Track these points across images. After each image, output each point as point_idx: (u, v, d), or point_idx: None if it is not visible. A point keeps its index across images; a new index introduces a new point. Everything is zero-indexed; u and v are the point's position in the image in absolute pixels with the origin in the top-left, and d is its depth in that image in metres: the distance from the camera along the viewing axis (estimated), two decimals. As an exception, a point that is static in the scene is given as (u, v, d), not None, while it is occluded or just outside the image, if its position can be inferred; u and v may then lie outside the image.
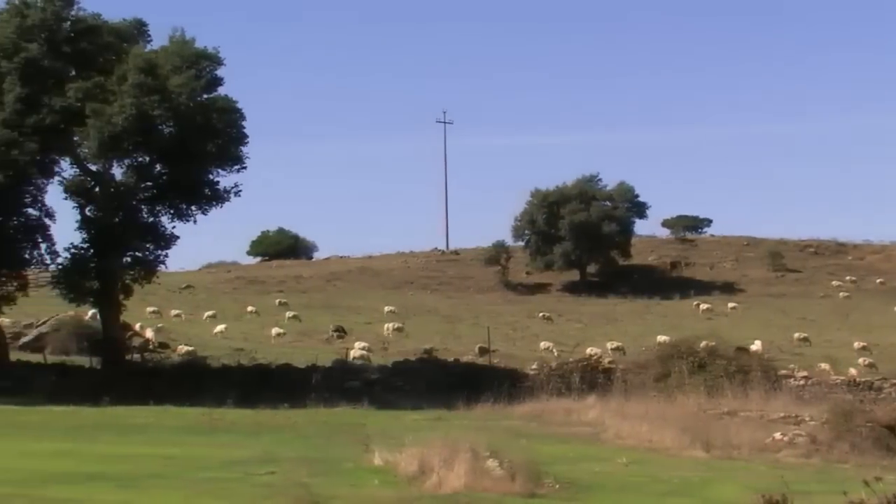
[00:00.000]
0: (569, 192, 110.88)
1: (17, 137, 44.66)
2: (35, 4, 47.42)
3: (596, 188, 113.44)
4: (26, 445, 28.46)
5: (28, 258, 48.55)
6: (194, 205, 49.17)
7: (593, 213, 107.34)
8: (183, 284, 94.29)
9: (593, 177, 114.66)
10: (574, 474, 23.83)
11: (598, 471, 25.14)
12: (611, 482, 23.58)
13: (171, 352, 57.04)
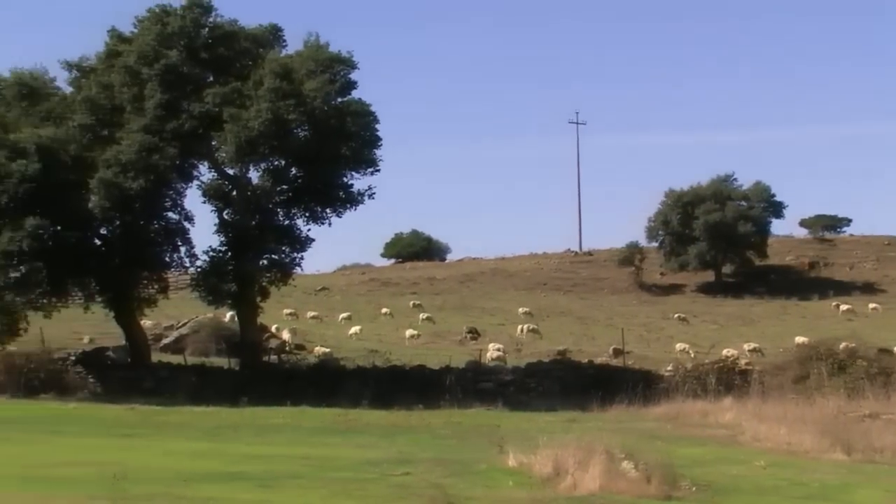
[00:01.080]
0: (703, 192, 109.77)
1: (158, 143, 45.56)
2: (175, 12, 48.30)
3: (731, 188, 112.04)
4: (168, 445, 29.04)
5: (168, 261, 49.52)
6: (329, 207, 49.59)
7: (728, 213, 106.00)
8: (318, 286, 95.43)
9: (728, 176, 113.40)
10: (711, 477, 23.49)
11: (736, 473, 24.73)
12: (748, 485, 23.18)
13: (308, 353, 57.67)
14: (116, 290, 48.73)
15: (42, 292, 46.32)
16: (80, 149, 46.66)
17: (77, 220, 46.05)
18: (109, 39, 49.67)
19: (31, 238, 43.16)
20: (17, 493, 19.86)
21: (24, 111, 48.71)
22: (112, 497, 18.80)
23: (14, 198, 43.72)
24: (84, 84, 48.78)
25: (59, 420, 36.83)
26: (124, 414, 39.42)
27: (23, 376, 45.94)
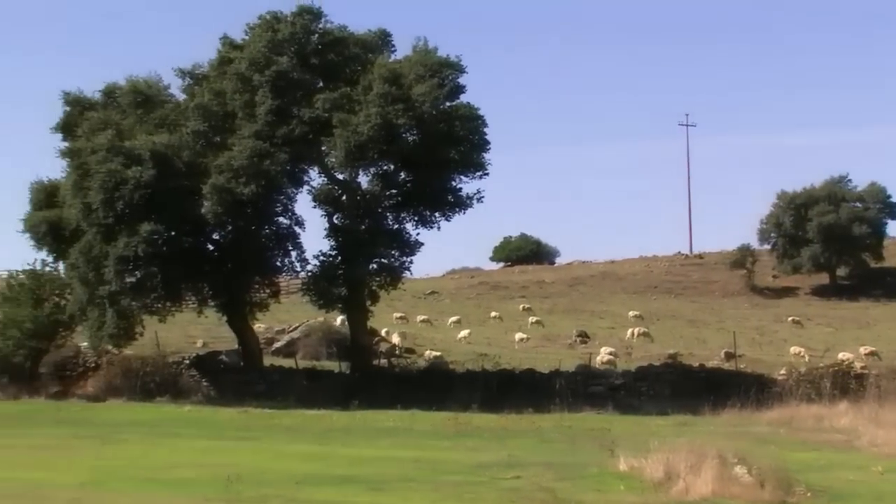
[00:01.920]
0: (816, 194, 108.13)
1: (269, 148, 46.05)
2: (285, 19, 48.81)
3: (845, 189, 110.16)
4: (280, 447, 29.34)
5: (280, 266, 49.95)
6: (438, 211, 49.65)
7: (843, 214, 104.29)
8: (428, 290, 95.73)
9: (842, 177, 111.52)
10: (826, 482, 23.01)
11: (853, 479, 24.19)
12: (866, 491, 22.67)
13: (417, 357, 57.81)
14: (229, 295, 49.34)
15: (157, 297, 47.18)
16: (194, 155, 47.35)
17: (190, 225, 46.75)
18: (221, 47, 50.39)
19: (146, 243, 43.90)
20: (135, 494, 20.22)
21: (139, 119, 49.59)
22: (227, 499, 19.05)
23: (130, 204, 44.49)
24: (197, 91, 49.52)
25: (175, 423, 37.51)
26: (237, 417, 39.97)
27: (139, 379, 46.96)
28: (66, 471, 22.59)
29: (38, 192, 50.81)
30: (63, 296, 49.72)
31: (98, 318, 45.91)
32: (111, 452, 27.08)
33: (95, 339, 46.89)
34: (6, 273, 54.74)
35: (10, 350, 48.11)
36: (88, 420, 38.37)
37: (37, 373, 49.04)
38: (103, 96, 52.25)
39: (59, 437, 31.23)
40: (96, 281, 45.48)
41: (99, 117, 49.28)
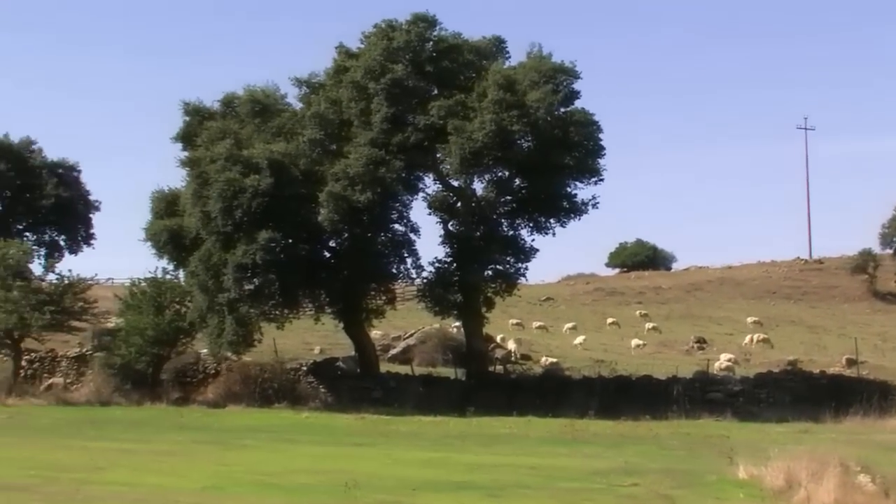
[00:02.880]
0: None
1: (385, 156, 46.31)
2: (400, 27, 49.05)
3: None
4: (397, 454, 29.41)
5: (395, 272, 50.15)
6: (553, 217, 49.50)
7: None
8: (543, 296, 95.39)
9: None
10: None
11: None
12: None
13: (533, 363, 57.64)
14: (345, 302, 49.69)
15: (275, 304, 47.73)
16: (310, 163, 47.79)
17: (307, 233, 47.19)
18: (337, 55, 50.84)
19: (264, 251, 44.40)
20: (254, 499, 20.42)
21: (256, 128, 50.20)
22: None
23: (248, 212, 45.06)
24: (313, 100, 49.97)
25: (293, 429, 37.85)
26: (354, 423, 40.22)
27: (258, 386, 47.54)
28: (188, 476, 22.89)
29: (158, 202, 51.66)
30: (183, 303, 50.42)
31: (217, 326, 46.53)
32: (231, 458, 27.39)
33: (215, 346, 47.52)
34: (128, 281, 55.78)
35: (132, 357, 48.91)
36: (208, 426, 38.91)
37: (158, 379, 49.82)
38: (222, 106, 53.04)
39: (181, 443, 31.68)
40: (215, 288, 46.12)
41: (218, 127, 50.02)
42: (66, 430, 35.75)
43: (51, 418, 40.86)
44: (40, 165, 78.48)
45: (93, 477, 21.97)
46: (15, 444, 29.70)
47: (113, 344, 50.25)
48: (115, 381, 49.17)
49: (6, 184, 76.86)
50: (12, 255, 51.21)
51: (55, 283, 51.89)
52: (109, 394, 48.33)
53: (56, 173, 78.60)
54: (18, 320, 48.51)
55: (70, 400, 48.27)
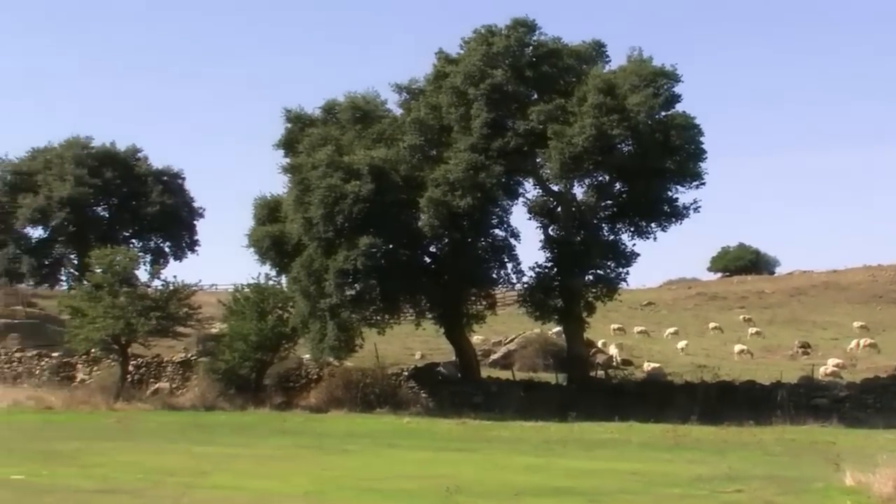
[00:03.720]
0: None
1: (484, 161, 46.36)
2: (500, 32, 49.04)
3: None
4: (499, 459, 29.40)
5: (496, 278, 50.12)
6: (654, 222, 49.21)
7: None
8: (644, 301, 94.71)
9: None
10: None
11: None
12: None
13: (635, 368, 57.30)
14: (446, 307, 49.80)
15: (376, 309, 47.96)
16: (410, 169, 47.99)
17: (408, 238, 47.37)
18: (437, 61, 50.97)
19: (365, 256, 44.65)
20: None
21: (357, 134, 50.54)
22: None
23: (349, 218, 45.34)
24: (413, 105, 50.18)
25: (394, 434, 38.00)
26: (455, 428, 40.27)
27: (359, 391, 47.83)
28: (291, 480, 23.07)
29: (261, 208, 52.22)
30: (286, 309, 50.86)
31: (319, 331, 46.85)
32: (333, 463, 27.57)
33: (317, 352, 47.85)
34: (232, 287, 56.46)
35: (236, 362, 49.47)
36: (311, 430, 39.20)
37: (262, 384, 50.34)
38: (323, 113, 53.51)
39: (283, 448, 31.96)
40: (317, 294, 46.45)
41: (319, 133, 50.44)
42: (172, 435, 36.26)
43: (157, 422, 41.49)
44: (146, 173, 79.71)
45: (198, 481, 22.24)
46: (123, 449, 30.19)
47: (217, 349, 50.89)
48: (220, 386, 49.76)
49: (113, 192, 78.16)
50: (119, 262, 52.04)
51: (160, 289, 52.59)
52: (214, 398, 48.92)
53: (161, 181, 79.76)
54: (125, 326, 49.27)
55: (175, 404, 48.95)
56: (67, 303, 55.02)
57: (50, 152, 79.25)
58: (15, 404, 47.62)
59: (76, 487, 20.38)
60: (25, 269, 75.72)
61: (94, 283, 52.10)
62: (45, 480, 21.46)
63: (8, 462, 25.17)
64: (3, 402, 48.24)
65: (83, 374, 53.49)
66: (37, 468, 23.85)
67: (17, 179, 77.91)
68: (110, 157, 78.82)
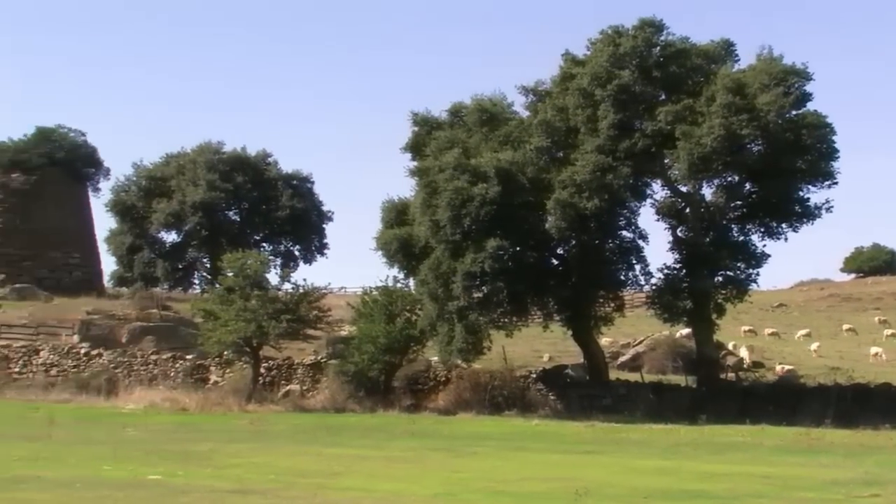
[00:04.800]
0: None
1: (612, 162, 46.17)
2: (627, 33, 48.76)
3: None
4: (628, 462, 29.25)
5: (623, 279, 49.86)
6: (784, 222, 48.56)
7: None
8: (775, 303, 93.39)
9: None
10: None
11: None
12: None
13: (766, 370, 56.50)
14: (574, 309, 49.64)
15: (503, 312, 48.01)
16: (537, 171, 47.97)
17: (535, 240, 47.38)
18: (564, 63, 50.83)
19: (492, 259, 44.74)
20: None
21: (484, 136, 50.65)
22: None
23: (476, 220, 45.46)
24: (540, 107, 50.12)
25: (523, 436, 38.03)
26: (584, 431, 40.19)
27: (487, 393, 47.84)
28: (420, 482, 23.22)
29: (389, 211, 52.62)
30: (414, 311, 51.13)
31: (447, 333, 47.03)
32: (462, 465, 27.67)
33: (445, 354, 48.04)
34: (360, 290, 56.92)
35: (365, 364, 49.84)
36: (439, 433, 39.39)
37: (390, 386, 50.68)
38: (450, 116, 53.76)
39: (413, 450, 32.15)
40: (445, 297, 46.65)
41: (446, 136, 50.70)
42: (303, 437, 36.72)
43: (288, 424, 42.05)
44: (276, 178, 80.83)
45: (329, 482, 22.51)
46: (255, 450, 30.66)
47: (346, 352, 51.34)
48: (349, 388, 50.16)
49: (244, 196, 79.41)
50: (250, 266, 52.83)
51: (291, 292, 53.21)
52: (344, 400, 49.37)
53: (291, 185, 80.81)
54: (257, 329, 49.96)
55: (306, 406, 49.54)
56: (200, 306, 56.07)
57: (183, 158, 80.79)
58: (151, 406, 48.65)
59: (211, 488, 20.74)
60: (160, 273, 77.20)
61: (226, 287, 53.00)
62: (181, 481, 21.88)
63: (145, 462, 25.74)
64: (140, 403, 49.33)
65: (216, 376, 54.36)
66: (173, 469, 24.34)
67: (152, 185, 79.58)
68: (241, 162, 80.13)
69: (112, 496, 18.68)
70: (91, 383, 53.25)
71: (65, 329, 63.17)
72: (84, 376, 54.60)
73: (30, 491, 19.02)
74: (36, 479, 20.75)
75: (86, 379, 54.01)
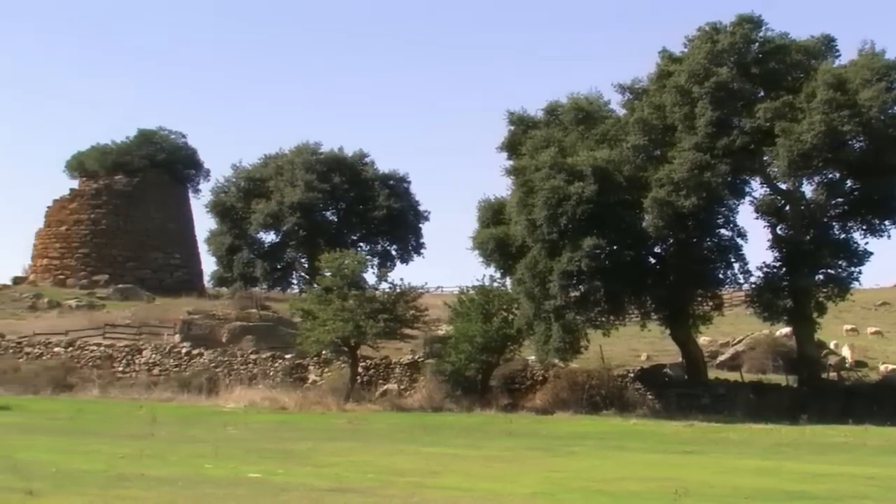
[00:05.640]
0: None
1: (710, 160, 45.79)
2: (724, 29, 48.32)
3: None
4: (727, 462, 28.94)
5: (722, 278, 49.40)
6: (888, 219, 47.83)
7: None
8: (879, 301, 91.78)
9: None
10: None
11: None
12: None
13: (870, 370, 55.64)
14: (672, 308, 49.32)
15: (601, 311, 47.83)
16: (634, 169, 47.77)
17: (632, 239, 47.13)
18: (661, 60, 50.51)
19: (589, 258, 44.61)
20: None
21: (580, 135, 50.54)
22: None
23: (572, 219, 45.38)
24: (636, 105, 49.89)
25: (620, 435, 37.84)
26: (683, 430, 39.89)
27: (585, 392, 47.69)
28: (518, 481, 23.19)
29: (485, 210, 52.74)
30: (510, 310, 51.13)
31: (544, 333, 46.98)
32: (560, 464, 27.59)
33: (542, 353, 48.01)
34: (457, 289, 57.11)
35: (462, 364, 49.93)
36: (537, 432, 39.33)
37: (487, 386, 50.72)
38: (546, 114, 53.75)
39: (510, 449, 32.12)
40: (542, 295, 46.59)
41: (542, 135, 50.68)
42: (401, 435, 36.88)
43: (386, 423, 42.27)
44: (373, 178, 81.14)
45: (427, 481, 22.56)
46: (354, 449, 30.83)
47: (443, 351, 51.48)
48: (446, 388, 50.31)
49: (341, 196, 79.85)
50: (348, 266, 53.18)
51: (388, 291, 53.52)
52: (441, 400, 49.54)
53: (387, 185, 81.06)
54: (354, 328, 50.28)
55: (404, 405, 49.78)
56: (299, 306, 56.60)
57: (281, 159, 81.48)
58: (251, 405, 49.24)
59: (310, 486, 20.88)
60: (259, 273, 77.92)
61: (324, 287, 53.44)
62: (281, 479, 22.05)
63: (246, 461, 25.99)
64: (240, 402, 49.95)
65: (315, 375, 54.84)
66: (273, 467, 24.56)
67: (251, 185, 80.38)
68: (339, 163, 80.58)
69: (213, 494, 18.90)
70: (192, 382, 54.11)
71: (166, 329, 64.30)
72: (185, 375, 55.49)
73: (133, 489, 19.33)
74: (140, 476, 21.06)
75: (187, 378, 54.88)
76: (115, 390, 54.74)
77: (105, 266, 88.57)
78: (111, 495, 18.33)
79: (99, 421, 41.55)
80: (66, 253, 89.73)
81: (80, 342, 60.82)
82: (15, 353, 60.53)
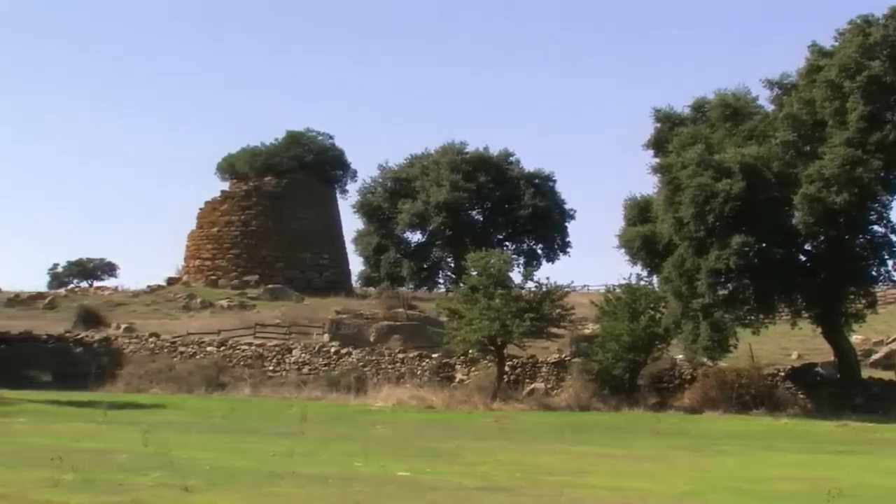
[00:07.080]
0: None
1: (862, 156, 44.84)
2: (877, 22, 47.23)
3: None
4: (884, 463, 28.33)
5: (875, 275, 48.42)
6: None
7: None
8: None
9: None
10: None
11: None
12: None
13: None
14: (823, 306, 48.45)
15: (750, 309, 47.26)
16: (783, 165, 47.01)
17: (781, 236, 46.43)
18: (810, 55, 49.52)
19: (737, 255, 44.08)
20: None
21: (727, 132, 49.94)
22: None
23: (720, 217, 44.89)
24: (785, 101, 49.04)
25: (771, 435, 37.40)
26: (836, 430, 39.23)
27: (734, 392, 47.14)
28: (667, 481, 23.09)
29: (631, 209, 52.48)
30: (658, 309, 50.80)
31: (692, 331, 46.56)
32: (709, 464, 27.40)
33: (690, 352, 47.60)
34: (603, 288, 56.87)
35: (609, 363, 49.79)
36: (684, 431, 39.08)
37: (635, 384, 50.46)
38: (692, 111, 53.21)
39: (658, 448, 31.98)
40: (689, 294, 46.19)
41: (688, 132, 50.18)
42: (548, 435, 36.95)
43: (533, 422, 42.37)
44: (518, 177, 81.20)
45: (575, 480, 22.59)
46: (502, 448, 30.99)
47: (590, 350, 51.40)
48: (593, 387, 50.15)
49: (487, 195, 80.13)
50: (494, 265, 53.33)
51: (534, 290, 53.52)
52: (588, 399, 49.40)
53: (533, 184, 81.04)
54: (501, 327, 50.42)
55: (550, 405, 49.77)
56: (445, 305, 57.02)
57: (426, 159, 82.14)
58: (399, 403, 49.78)
59: (458, 485, 21.06)
60: (406, 273, 78.66)
61: (471, 286, 53.66)
62: (429, 477, 22.27)
63: (395, 459, 26.30)
64: (388, 401, 50.51)
65: (461, 374, 55.15)
66: (421, 465, 24.81)
67: (397, 186, 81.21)
68: (484, 162, 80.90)
69: (363, 491, 19.19)
70: (341, 381, 54.87)
71: (315, 328, 65.35)
72: (334, 374, 56.29)
73: (285, 486, 19.72)
74: (291, 474, 21.46)
75: (336, 377, 55.67)
76: (265, 389, 55.83)
77: (255, 266, 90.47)
78: (263, 492, 18.76)
79: (251, 419, 42.52)
80: (218, 254, 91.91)
81: (232, 342, 62.23)
82: (170, 352, 62.16)
